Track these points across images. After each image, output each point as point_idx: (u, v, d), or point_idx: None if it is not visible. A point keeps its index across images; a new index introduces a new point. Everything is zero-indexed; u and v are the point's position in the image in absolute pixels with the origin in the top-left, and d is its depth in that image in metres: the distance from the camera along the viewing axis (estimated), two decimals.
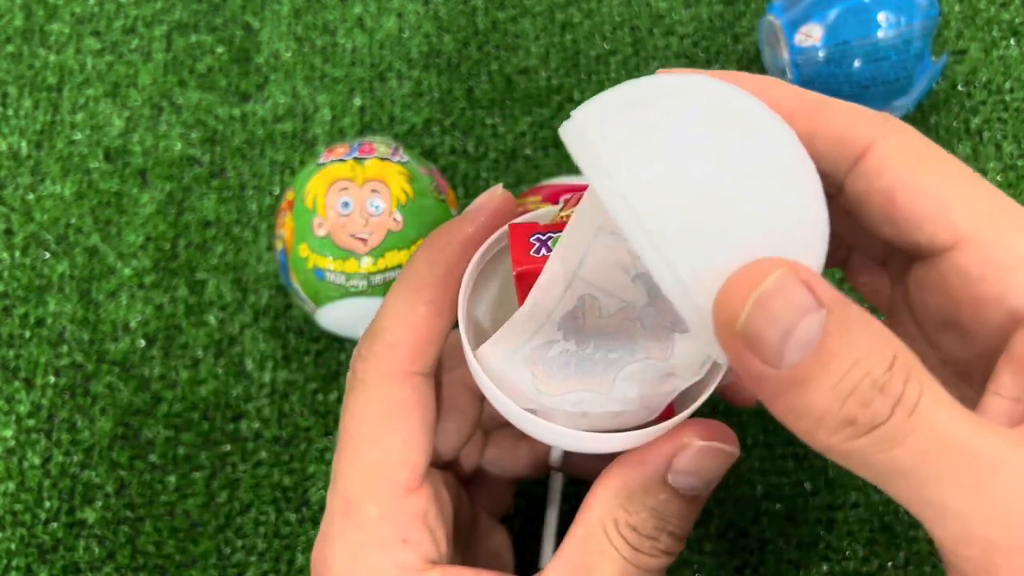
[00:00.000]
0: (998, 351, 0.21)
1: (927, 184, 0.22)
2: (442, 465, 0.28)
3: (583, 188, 0.34)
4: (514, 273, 0.23)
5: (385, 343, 0.25)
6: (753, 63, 0.44)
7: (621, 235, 0.19)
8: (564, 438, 0.23)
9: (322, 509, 0.26)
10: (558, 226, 0.23)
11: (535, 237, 0.23)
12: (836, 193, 0.23)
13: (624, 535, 0.23)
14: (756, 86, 0.22)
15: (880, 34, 0.36)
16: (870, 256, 0.26)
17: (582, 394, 0.23)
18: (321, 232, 0.34)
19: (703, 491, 0.24)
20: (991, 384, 0.21)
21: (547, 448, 0.32)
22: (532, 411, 0.23)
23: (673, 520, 0.23)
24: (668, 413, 0.24)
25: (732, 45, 0.44)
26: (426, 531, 0.24)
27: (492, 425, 0.32)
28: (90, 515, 0.38)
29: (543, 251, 0.23)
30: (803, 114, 0.22)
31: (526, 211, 0.34)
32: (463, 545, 0.29)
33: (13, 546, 0.37)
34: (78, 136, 0.44)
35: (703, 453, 0.23)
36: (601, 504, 0.23)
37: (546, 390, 0.23)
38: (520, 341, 0.23)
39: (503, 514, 0.33)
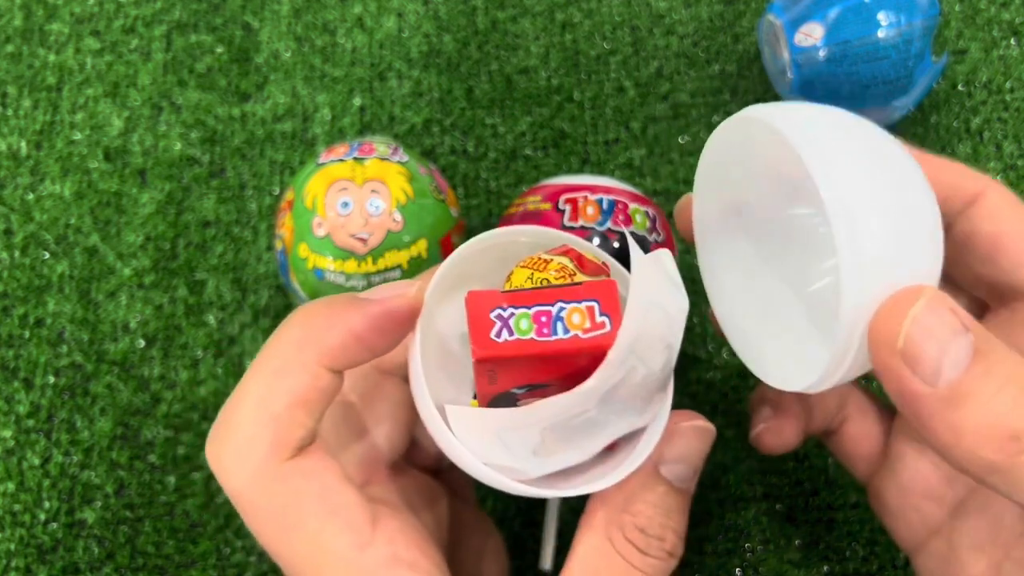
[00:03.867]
0: None
1: None
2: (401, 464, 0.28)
3: (583, 188, 0.34)
4: (473, 358, 0.21)
5: (241, 438, 0.22)
6: (753, 63, 0.44)
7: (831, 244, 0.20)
8: (552, 495, 0.23)
9: None
10: (521, 297, 0.21)
11: (496, 314, 0.21)
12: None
13: (632, 539, 0.23)
14: None
15: (880, 33, 0.36)
16: (957, 286, 0.28)
17: (570, 454, 0.23)
18: (321, 232, 0.34)
19: (691, 480, 0.24)
20: None
21: None
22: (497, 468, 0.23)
23: (674, 515, 0.24)
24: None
25: (732, 45, 0.44)
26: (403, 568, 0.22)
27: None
28: (90, 515, 0.38)
29: (504, 333, 0.21)
30: (922, 163, 0.24)
31: (526, 211, 0.34)
32: (450, 546, 0.28)
33: (13, 546, 0.37)
34: (78, 136, 0.44)
35: (689, 436, 0.24)
36: (604, 513, 0.23)
37: (544, 455, 0.23)
38: (552, 414, 0.22)
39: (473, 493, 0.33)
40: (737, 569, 0.36)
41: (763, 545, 0.36)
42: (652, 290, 0.21)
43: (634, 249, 0.22)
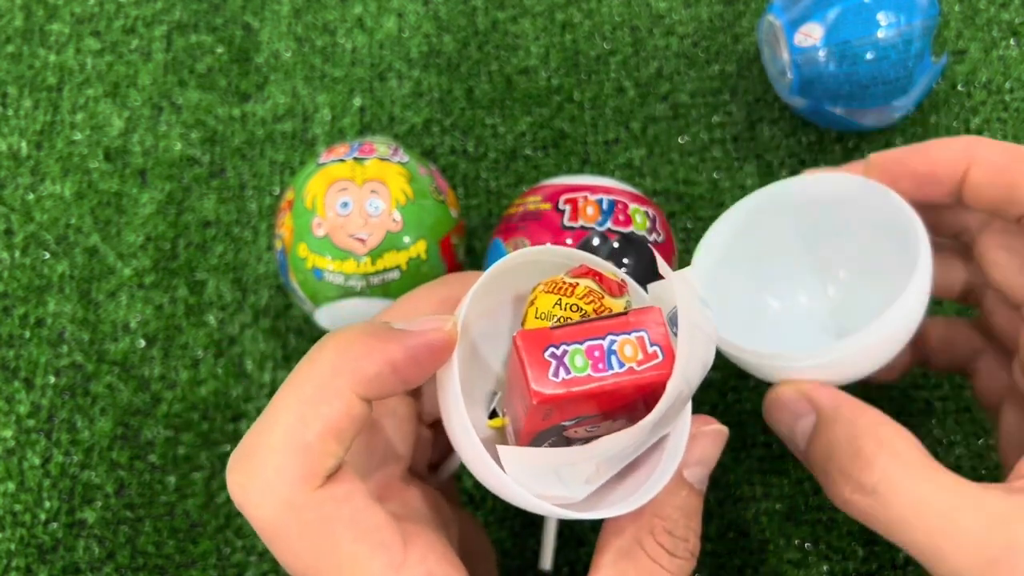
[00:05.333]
0: None
1: None
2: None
3: (583, 188, 0.34)
4: (532, 402, 0.21)
5: (270, 469, 0.21)
6: (753, 63, 0.44)
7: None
8: (604, 515, 0.23)
9: None
10: (571, 333, 0.21)
11: (550, 352, 0.21)
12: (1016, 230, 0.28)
13: (661, 541, 0.24)
14: (963, 147, 0.28)
15: (880, 33, 0.36)
16: (1007, 302, 0.30)
17: (611, 473, 0.23)
18: (320, 232, 0.34)
19: (706, 481, 0.25)
20: None
21: None
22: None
23: (694, 516, 0.24)
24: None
25: (732, 45, 0.44)
26: None
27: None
28: (90, 515, 0.38)
29: (561, 372, 0.20)
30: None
31: (526, 211, 0.34)
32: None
33: (13, 546, 0.37)
34: (78, 136, 0.44)
35: (709, 440, 0.25)
36: (631, 517, 0.24)
37: (594, 482, 0.23)
38: (613, 449, 0.22)
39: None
40: (737, 569, 0.36)
41: (763, 545, 0.36)
42: (693, 313, 0.21)
43: (671, 274, 0.22)
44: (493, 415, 0.25)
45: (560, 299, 0.22)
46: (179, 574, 0.37)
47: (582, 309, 0.22)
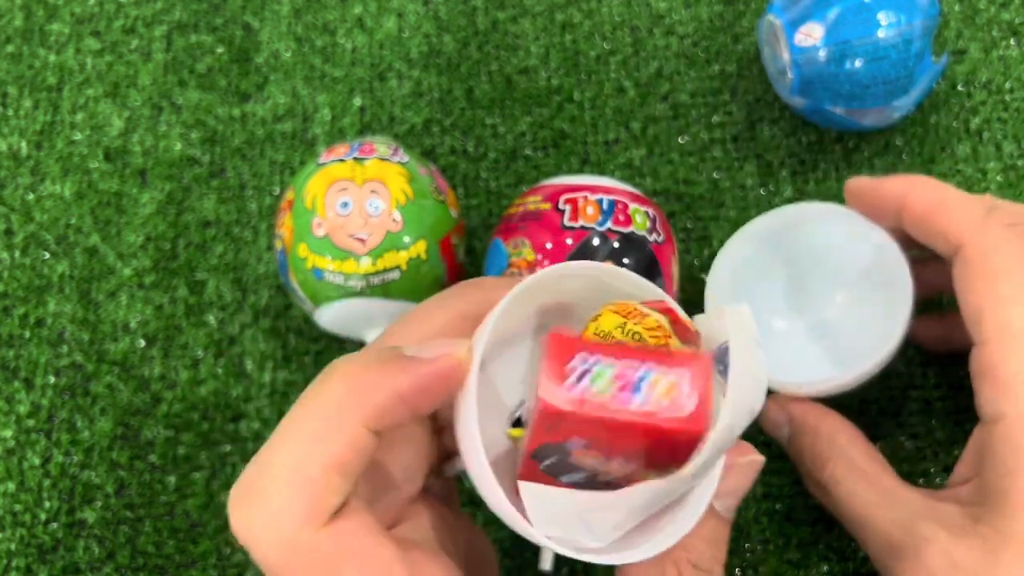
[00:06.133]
0: None
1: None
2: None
3: (583, 188, 0.34)
4: (538, 408, 0.19)
5: (274, 506, 0.20)
6: (753, 63, 0.44)
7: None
8: (633, 558, 0.22)
9: None
10: (610, 348, 0.19)
11: (578, 360, 0.19)
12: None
13: (685, 574, 0.23)
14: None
15: (880, 33, 0.36)
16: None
17: (629, 523, 0.22)
18: (320, 232, 0.34)
19: (734, 510, 0.25)
20: None
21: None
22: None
23: (721, 545, 0.24)
24: None
25: (732, 45, 0.44)
26: None
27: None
28: (90, 515, 0.38)
29: (579, 385, 0.19)
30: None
31: (526, 211, 0.34)
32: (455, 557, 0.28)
33: (13, 546, 0.37)
34: (78, 136, 0.44)
35: (743, 471, 0.25)
36: None
37: (624, 528, 0.22)
38: (645, 498, 0.21)
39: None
40: (737, 569, 0.36)
41: (763, 545, 0.36)
42: (747, 357, 0.20)
43: (727, 311, 0.20)
44: (517, 423, 0.24)
45: (626, 323, 0.21)
46: (179, 574, 0.37)
47: (644, 340, 0.21)
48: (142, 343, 0.40)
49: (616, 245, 0.33)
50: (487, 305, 0.22)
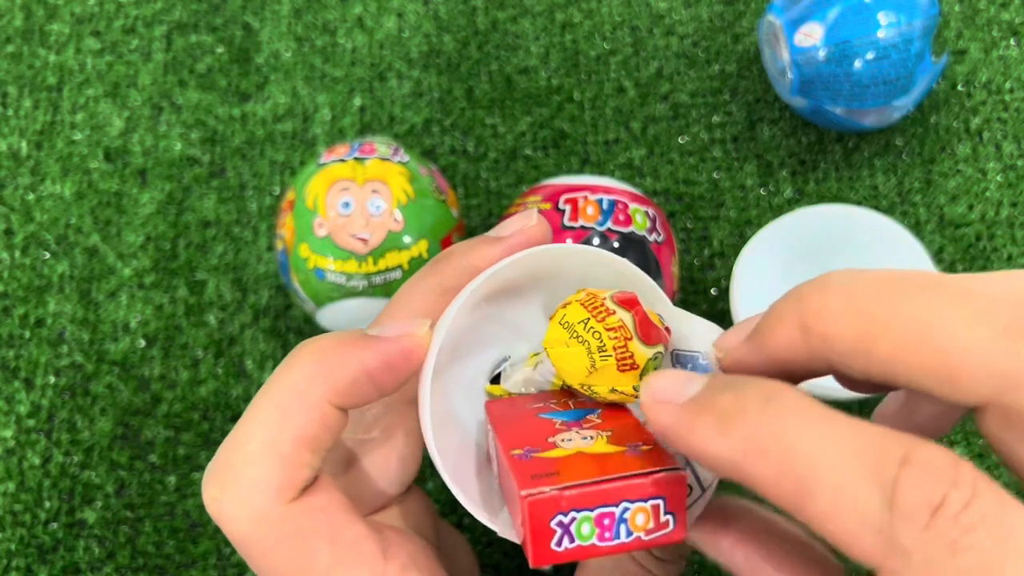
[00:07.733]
0: None
1: None
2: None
3: (583, 188, 0.34)
4: (531, 565, 0.20)
5: (245, 482, 0.20)
6: (753, 63, 0.44)
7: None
8: None
9: None
10: (584, 498, 0.20)
11: (557, 521, 0.20)
12: None
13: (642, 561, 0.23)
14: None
15: (880, 33, 0.36)
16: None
17: None
18: (322, 232, 0.34)
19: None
20: None
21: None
22: None
23: None
24: None
25: (732, 45, 0.44)
26: None
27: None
28: (90, 515, 0.38)
29: (565, 541, 0.20)
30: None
31: (526, 209, 0.34)
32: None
33: (13, 546, 0.37)
34: (78, 136, 0.44)
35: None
36: None
37: None
38: None
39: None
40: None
41: None
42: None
43: (698, 329, 0.22)
44: (496, 380, 0.25)
45: (589, 319, 0.22)
46: (179, 574, 0.37)
47: (603, 342, 0.22)
48: (142, 343, 0.40)
49: (616, 245, 0.33)
50: (464, 272, 0.23)
